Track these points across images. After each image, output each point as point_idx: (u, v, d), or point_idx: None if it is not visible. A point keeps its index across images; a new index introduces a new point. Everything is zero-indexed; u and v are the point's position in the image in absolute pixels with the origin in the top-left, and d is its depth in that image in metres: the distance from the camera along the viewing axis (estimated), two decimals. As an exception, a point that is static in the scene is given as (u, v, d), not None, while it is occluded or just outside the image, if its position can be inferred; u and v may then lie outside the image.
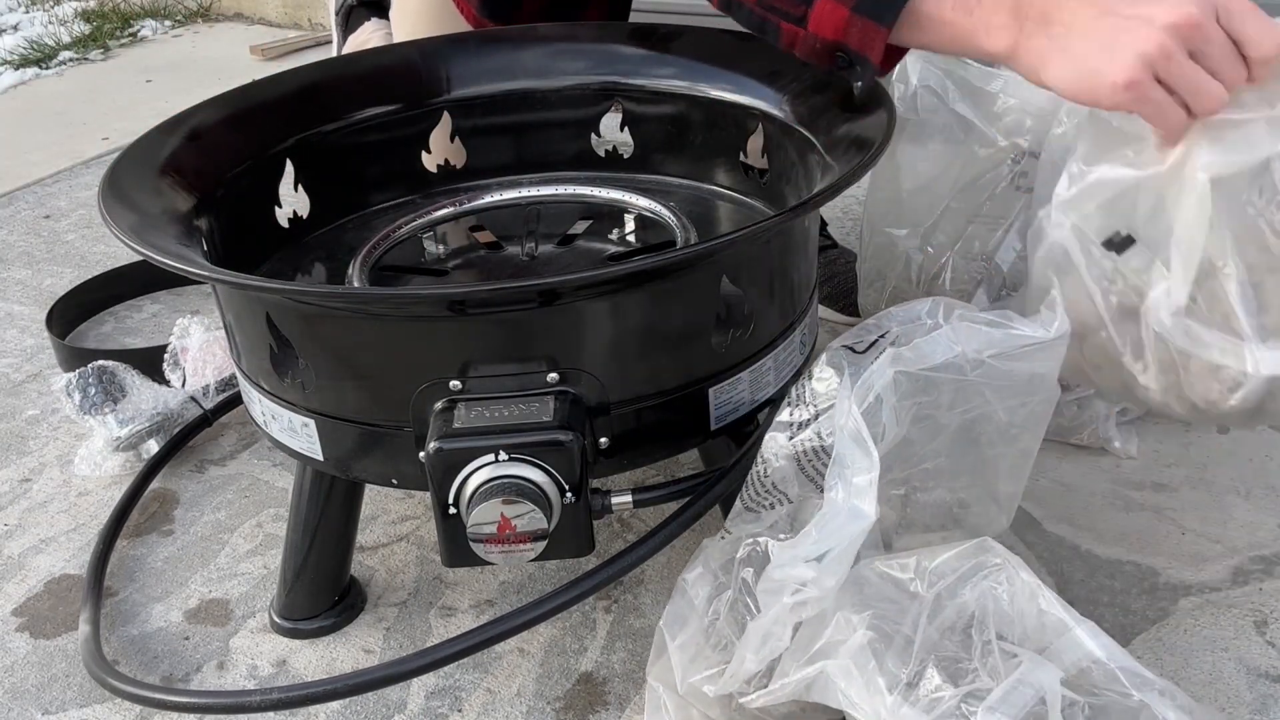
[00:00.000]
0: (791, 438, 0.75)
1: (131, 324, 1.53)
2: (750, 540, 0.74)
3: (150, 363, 1.30)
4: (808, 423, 0.75)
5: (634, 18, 1.33)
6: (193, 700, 0.85)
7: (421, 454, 0.77)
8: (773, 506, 0.75)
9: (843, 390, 0.72)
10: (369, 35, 1.50)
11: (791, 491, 0.74)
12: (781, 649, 0.68)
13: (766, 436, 0.76)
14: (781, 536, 0.72)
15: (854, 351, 0.77)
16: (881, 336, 0.78)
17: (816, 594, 0.66)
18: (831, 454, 0.71)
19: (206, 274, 0.77)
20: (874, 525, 0.68)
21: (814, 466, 0.74)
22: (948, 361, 0.74)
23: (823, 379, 0.76)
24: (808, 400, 0.76)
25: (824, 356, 0.78)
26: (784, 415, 0.76)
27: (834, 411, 0.73)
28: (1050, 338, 0.76)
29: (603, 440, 0.80)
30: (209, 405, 1.25)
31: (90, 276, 1.58)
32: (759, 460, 0.76)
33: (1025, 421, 0.80)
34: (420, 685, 0.92)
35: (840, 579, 0.67)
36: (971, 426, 0.79)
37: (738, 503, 0.77)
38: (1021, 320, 0.77)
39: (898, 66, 1.14)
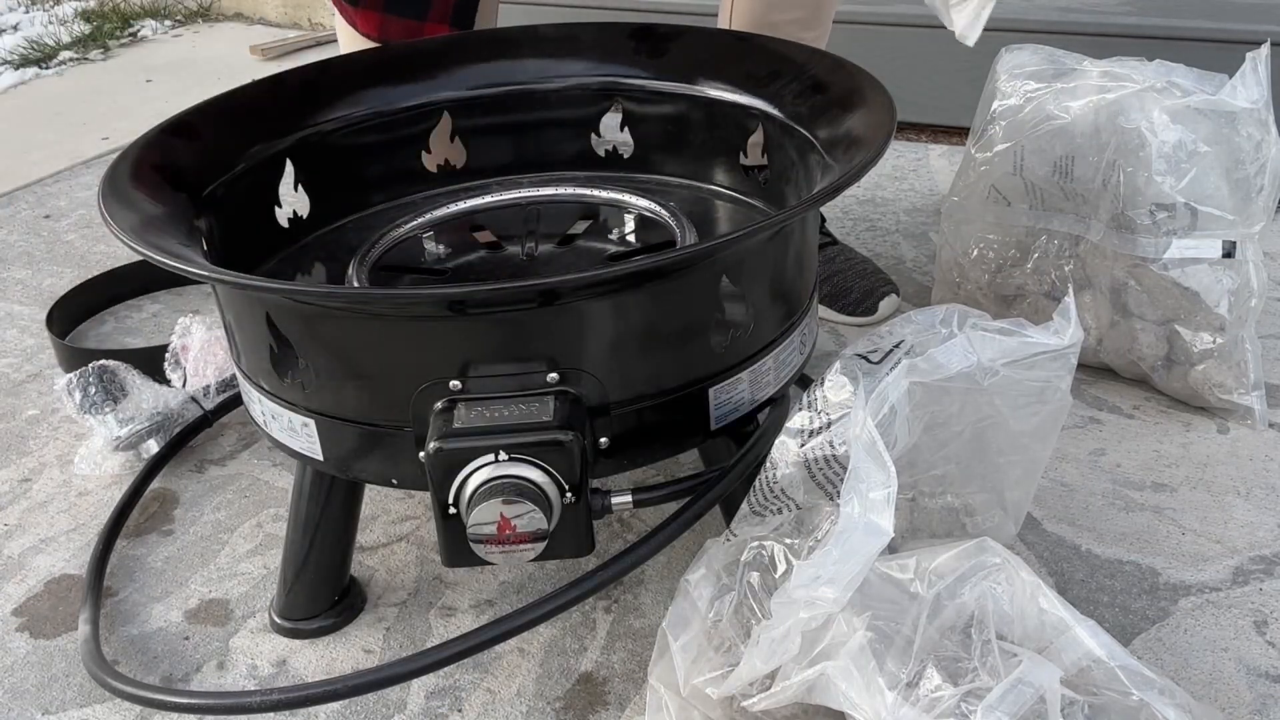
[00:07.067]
0: (802, 445, 0.75)
1: (131, 324, 1.53)
2: (755, 543, 0.73)
3: (150, 363, 1.30)
4: (819, 430, 0.74)
5: (634, 18, 1.33)
6: (192, 700, 0.85)
7: (421, 454, 0.77)
8: (779, 511, 0.75)
9: (857, 401, 0.71)
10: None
11: (799, 497, 0.74)
12: (791, 655, 0.68)
13: (776, 442, 0.76)
14: (787, 540, 0.72)
15: (868, 361, 0.77)
16: (896, 346, 0.77)
17: (829, 609, 0.66)
18: (842, 462, 0.70)
19: (206, 274, 0.77)
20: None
21: (824, 474, 0.73)
22: (963, 371, 0.74)
23: (835, 387, 0.75)
24: (819, 408, 0.75)
25: (837, 365, 0.77)
26: (795, 422, 0.76)
27: (846, 421, 0.72)
28: (1063, 345, 0.76)
29: (603, 440, 0.80)
30: (209, 405, 1.25)
31: (90, 276, 1.58)
32: (767, 465, 0.76)
33: (1036, 430, 0.80)
34: (420, 685, 0.91)
35: (851, 592, 0.67)
36: (982, 434, 0.78)
37: (744, 505, 0.77)
38: (1034, 328, 0.76)
39: None
